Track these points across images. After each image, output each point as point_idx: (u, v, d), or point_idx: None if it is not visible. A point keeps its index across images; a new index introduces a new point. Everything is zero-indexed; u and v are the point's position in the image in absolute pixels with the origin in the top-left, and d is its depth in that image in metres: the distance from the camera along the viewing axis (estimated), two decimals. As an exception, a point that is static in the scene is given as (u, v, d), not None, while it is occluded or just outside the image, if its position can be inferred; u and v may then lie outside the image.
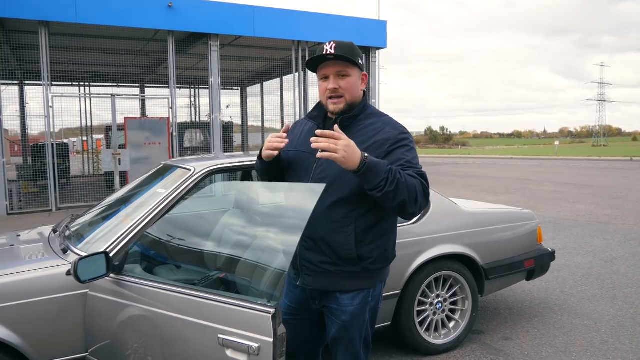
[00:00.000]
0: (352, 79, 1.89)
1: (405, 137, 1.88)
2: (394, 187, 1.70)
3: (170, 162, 3.38)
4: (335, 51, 1.84)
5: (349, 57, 1.85)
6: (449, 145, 74.88)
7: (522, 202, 10.45)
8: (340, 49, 1.85)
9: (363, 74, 1.95)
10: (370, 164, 1.69)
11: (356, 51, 1.90)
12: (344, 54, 1.85)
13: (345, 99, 1.89)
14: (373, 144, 1.84)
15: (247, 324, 1.68)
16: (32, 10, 10.21)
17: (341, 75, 1.88)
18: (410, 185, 1.74)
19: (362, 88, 1.95)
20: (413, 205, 1.76)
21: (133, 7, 11.11)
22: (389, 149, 1.83)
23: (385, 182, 1.69)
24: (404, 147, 1.85)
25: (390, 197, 1.71)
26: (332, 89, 1.87)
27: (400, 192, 1.71)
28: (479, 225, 3.61)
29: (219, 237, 2.56)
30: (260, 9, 12.57)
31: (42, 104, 10.72)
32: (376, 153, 1.81)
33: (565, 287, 4.80)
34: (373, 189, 1.71)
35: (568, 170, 20.25)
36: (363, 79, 1.96)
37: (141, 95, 18.07)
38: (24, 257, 2.66)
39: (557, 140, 52.62)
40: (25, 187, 12.43)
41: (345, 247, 1.85)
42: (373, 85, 14.55)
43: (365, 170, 1.68)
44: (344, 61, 1.86)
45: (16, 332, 2.24)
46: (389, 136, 1.85)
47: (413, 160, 1.84)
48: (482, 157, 33.88)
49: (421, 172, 1.82)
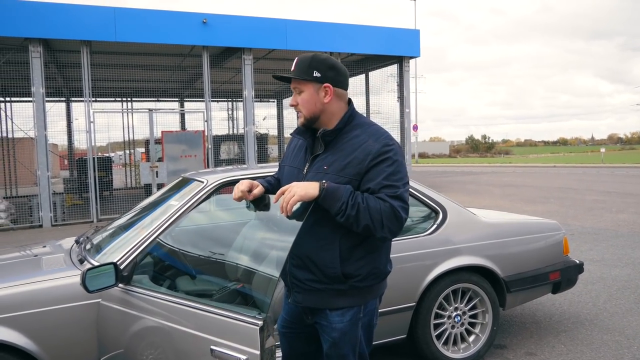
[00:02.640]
0: (305, 95, 1.89)
1: (389, 149, 1.82)
2: (354, 211, 1.72)
3: (188, 175, 3.46)
4: (294, 67, 1.89)
5: (294, 76, 1.88)
6: (492, 154, 73.18)
7: (561, 212, 10.13)
8: (297, 65, 1.89)
9: (325, 86, 1.87)
10: (328, 189, 1.74)
11: (313, 64, 1.87)
12: (294, 73, 1.88)
13: (303, 114, 1.92)
14: (353, 160, 1.82)
15: (236, 336, 1.71)
16: (75, 30, 10.72)
17: (297, 91, 1.91)
18: (373, 209, 1.73)
19: (327, 101, 1.89)
20: (379, 230, 1.74)
21: (169, 24, 11.48)
22: (370, 165, 1.80)
23: (345, 207, 1.73)
24: (385, 161, 1.80)
25: (353, 222, 1.74)
26: (291, 105, 1.93)
27: (362, 217, 1.73)
28: (498, 237, 3.52)
29: (239, 247, 2.61)
30: (292, 22, 12.75)
31: (85, 119, 11.19)
32: (356, 169, 1.81)
33: (599, 301, 4.61)
34: (336, 214, 1.75)
35: (613, 178, 19.47)
36: (326, 91, 1.88)
37: (178, 110, 18.58)
38: (44, 267, 2.78)
39: (603, 147, 50.67)
40: (69, 200, 12.94)
41: (330, 265, 1.84)
42: (406, 94, 14.45)
43: (324, 196, 1.74)
44: (295, 79, 1.89)
45: (33, 339, 2.34)
46: (369, 150, 1.81)
47: (393, 177, 1.79)
48: (524, 166, 32.99)
49: (395, 193, 1.77)
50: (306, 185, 1.76)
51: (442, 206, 3.40)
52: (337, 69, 1.91)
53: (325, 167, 1.85)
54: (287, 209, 1.73)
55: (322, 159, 1.89)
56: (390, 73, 14.79)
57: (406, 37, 14.27)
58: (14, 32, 10.24)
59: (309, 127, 1.93)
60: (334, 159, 1.85)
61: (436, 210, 3.39)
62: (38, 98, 10.57)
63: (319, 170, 1.86)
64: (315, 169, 1.88)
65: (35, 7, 10.42)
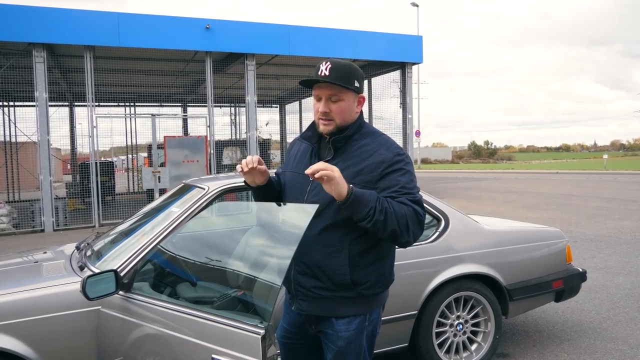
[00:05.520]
0: (345, 104, 1.83)
1: (401, 159, 1.81)
2: (383, 216, 1.68)
3: (189, 181, 3.45)
4: (330, 73, 1.78)
5: (340, 83, 1.79)
6: (494, 160, 73.01)
7: (563, 219, 10.09)
8: (336, 71, 1.79)
9: (360, 97, 1.87)
10: (356, 194, 1.67)
11: (353, 74, 1.83)
12: (337, 79, 1.78)
13: (335, 122, 1.84)
14: (365, 167, 1.80)
15: (238, 345, 1.69)
16: (78, 35, 10.78)
17: (333, 99, 1.83)
18: (399, 214, 1.70)
19: (357, 111, 1.89)
20: (405, 235, 1.72)
21: (172, 30, 11.53)
22: (383, 173, 1.78)
23: (373, 212, 1.67)
24: (398, 170, 1.79)
25: (380, 227, 1.69)
26: (323, 112, 1.84)
27: (390, 222, 1.69)
28: (501, 244, 3.51)
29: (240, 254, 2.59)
30: (295, 27, 12.78)
31: (88, 124, 11.22)
32: (369, 177, 1.78)
33: (602, 309, 4.58)
34: (362, 220, 1.69)
35: (616, 184, 19.41)
36: (359, 102, 1.88)
37: (181, 115, 18.63)
38: (44, 274, 2.77)
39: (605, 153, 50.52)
40: (71, 204, 12.95)
41: (339, 272, 1.81)
42: (409, 100, 14.47)
43: (352, 201, 1.67)
44: (337, 86, 1.80)
45: (32, 346, 2.33)
46: (382, 159, 1.79)
47: (408, 185, 1.78)
48: (526, 172, 32.91)
49: (415, 198, 1.77)
50: (341, 182, 1.65)
51: (444, 214, 3.39)
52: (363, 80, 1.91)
53: None
54: (316, 175, 1.63)
55: (332, 164, 1.86)
56: (393, 79, 14.81)
57: (409, 43, 14.31)
58: (18, 37, 10.30)
59: (335, 135, 1.87)
60: (345, 166, 1.81)
61: (438, 218, 3.38)
62: (41, 102, 10.61)
63: None
64: None
65: (39, 13, 10.48)
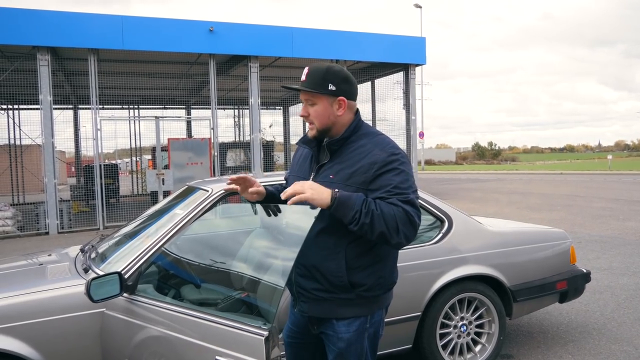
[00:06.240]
0: (319, 107, 1.87)
1: (395, 159, 1.81)
2: (369, 219, 1.69)
3: (193, 183, 3.46)
4: (306, 79, 1.86)
5: (308, 89, 1.84)
6: (498, 161, 72.82)
7: (567, 219, 10.06)
8: (310, 76, 1.85)
9: (339, 99, 1.87)
10: (341, 198, 1.70)
11: (328, 77, 1.85)
12: (307, 85, 1.85)
13: (316, 126, 1.89)
14: (359, 168, 1.81)
15: (241, 346, 1.70)
16: (82, 38, 10.82)
17: (309, 103, 1.89)
18: (388, 215, 1.70)
19: (340, 114, 1.89)
20: (395, 236, 1.72)
21: (176, 33, 11.56)
22: (376, 174, 1.79)
23: (359, 215, 1.69)
24: (392, 171, 1.79)
25: (367, 230, 1.70)
26: (301, 115, 1.90)
27: (377, 224, 1.69)
28: (505, 245, 3.50)
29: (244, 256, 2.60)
30: (298, 29, 12.81)
31: (92, 127, 11.26)
32: (362, 177, 1.79)
33: (606, 310, 4.56)
34: (349, 223, 1.71)
35: (620, 185, 19.33)
36: (340, 104, 1.88)
37: (184, 117, 18.68)
38: (49, 276, 2.78)
39: (610, 154, 50.32)
40: (76, 207, 13.00)
41: (336, 274, 1.82)
42: (412, 101, 14.46)
43: (337, 205, 1.70)
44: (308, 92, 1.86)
45: (37, 348, 2.34)
46: (375, 159, 1.80)
47: (401, 185, 1.78)
48: (530, 173, 32.83)
49: (406, 198, 1.76)
50: (321, 191, 1.71)
51: (447, 215, 3.39)
52: (350, 81, 1.91)
53: (332, 176, 1.85)
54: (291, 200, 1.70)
55: (328, 167, 1.88)
56: (396, 80, 14.81)
57: (412, 44, 14.30)
58: (22, 40, 10.35)
59: (321, 138, 1.92)
60: (340, 168, 1.84)
61: (442, 219, 3.37)
62: (45, 105, 10.66)
63: (325, 179, 1.85)
64: (321, 178, 1.88)
65: (43, 16, 10.54)
